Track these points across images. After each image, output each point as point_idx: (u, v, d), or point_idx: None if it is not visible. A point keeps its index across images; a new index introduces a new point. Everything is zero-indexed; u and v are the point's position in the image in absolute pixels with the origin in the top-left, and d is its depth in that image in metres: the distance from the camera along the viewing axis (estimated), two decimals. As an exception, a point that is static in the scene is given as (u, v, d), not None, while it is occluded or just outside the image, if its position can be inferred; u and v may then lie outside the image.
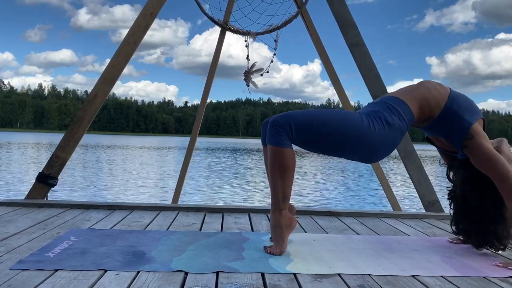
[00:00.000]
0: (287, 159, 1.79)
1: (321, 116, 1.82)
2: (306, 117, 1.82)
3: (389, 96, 1.98)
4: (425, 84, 2.00)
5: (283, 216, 1.85)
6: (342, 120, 1.82)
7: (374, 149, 1.85)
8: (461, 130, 1.90)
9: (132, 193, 8.95)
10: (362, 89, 52.71)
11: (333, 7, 3.36)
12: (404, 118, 1.88)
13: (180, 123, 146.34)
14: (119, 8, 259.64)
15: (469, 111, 1.93)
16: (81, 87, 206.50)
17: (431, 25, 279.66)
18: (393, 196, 3.58)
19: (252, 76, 3.55)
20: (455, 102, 1.93)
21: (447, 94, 1.96)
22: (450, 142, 2.00)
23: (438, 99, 1.93)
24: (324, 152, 1.92)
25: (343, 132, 1.80)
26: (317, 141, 1.82)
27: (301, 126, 1.79)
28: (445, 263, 1.79)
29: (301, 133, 1.79)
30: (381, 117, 1.85)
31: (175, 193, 3.84)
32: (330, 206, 7.97)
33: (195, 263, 1.65)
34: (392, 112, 1.87)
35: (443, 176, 13.35)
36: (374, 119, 1.84)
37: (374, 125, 1.82)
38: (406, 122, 1.89)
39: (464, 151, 1.92)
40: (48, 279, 1.42)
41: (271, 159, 1.81)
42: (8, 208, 2.70)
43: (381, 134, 1.83)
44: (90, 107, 3.12)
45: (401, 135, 1.90)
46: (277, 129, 1.78)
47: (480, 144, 1.87)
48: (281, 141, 1.78)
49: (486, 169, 1.86)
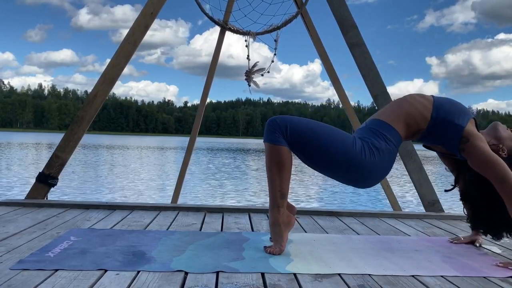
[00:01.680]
0: (283, 157, 1.80)
1: (318, 128, 1.83)
2: (303, 124, 1.83)
3: (372, 120, 1.98)
4: (408, 99, 1.98)
5: (281, 214, 1.85)
6: (336, 137, 1.82)
7: (365, 175, 1.85)
8: (455, 134, 1.90)
9: (132, 193, 8.95)
10: (362, 89, 52.60)
11: (333, 7, 3.36)
12: (390, 140, 1.88)
13: (180, 123, 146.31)
14: (120, 8, 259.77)
15: (458, 114, 1.92)
16: (82, 87, 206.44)
17: (431, 25, 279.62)
18: (393, 196, 3.57)
19: (254, 76, 3.55)
20: (441, 109, 1.93)
21: (430, 104, 1.95)
22: (447, 148, 2.00)
23: (422, 112, 1.93)
24: (318, 167, 1.90)
25: (336, 151, 1.80)
26: (310, 151, 1.82)
27: (297, 130, 1.80)
28: (445, 263, 1.79)
29: (295, 137, 1.80)
30: (368, 142, 1.85)
31: (174, 193, 3.83)
32: (330, 206, 7.97)
33: (195, 263, 1.65)
34: (378, 137, 1.87)
35: (443, 176, 13.36)
36: (363, 145, 1.84)
37: (365, 152, 1.82)
38: (393, 144, 1.89)
39: (462, 155, 1.92)
40: (48, 279, 1.42)
41: (268, 157, 1.83)
42: (8, 208, 2.70)
43: (372, 162, 1.83)
44: (90, 107, 3.12)
45: (390, 158, 1.89)
46: (273, 128, 1.80)
47: (476, 145, 1.87)
48: (277, 139, 1.79)
49: (484, 170, 1.86)
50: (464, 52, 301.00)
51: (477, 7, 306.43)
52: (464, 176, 2.08)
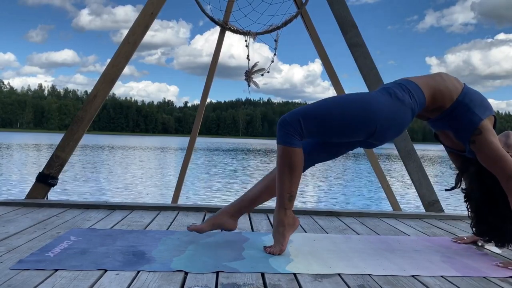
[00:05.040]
0: (295, 159, 1.80)
1: (329, 101, 1.85)
2: (313, 107, 1.83)
3: (403, 79, 1.99)
4: (442, 76, 2.00)
5: (287, 215, 1.85)
6: (348, 98, 1.89)
7: (382, 120, 1.81)
8: (471, 124, 1.89)
9: (132, 193, 8.95)
10: (362, 89, 53.03)
11: (333, 7, 3.36)
12: (415, 98, 1.87)
13: (180, 123, 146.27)
14: (121, 9, 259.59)
15: (480, 107, 1.93)
16: (83, 87, 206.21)
17: (431, 25, 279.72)
18: (393, 196, 3.57)
19: (253, 76, 3.55)
20: (468, 96, 1.93)
21: (461, 88, 1.96)
22: (458, 136, 1.98)
23: (451, 91, 1.93)
24: (335, 137, 1.87)
25: (351, 107, 1.81)
26: (327, 125, 1.81)
27: (309, 116, 1.79)
28: (445, 263, 1.79)
29: (310, 124, 1.79)
30: (391, 92, 1.85)
31: (175, 193, 3.83)
32: (330, 206, 7.97)
33: (195, 263, 1.65)
34: (403, 90, 1.87)
35: (443, 176, 13.36)
36: (384, 92, 1.86)
37: (383, 96, 1.84)
38: (417, 103, 1.88)
39: (471, 147, 1.90)
40: (48, 279, 1.42)
41: (280, 158, 1.83)
42: (8, 208, 2.70)
43: (390, 104, 1.82)
44: (90, 107, 3.12)
45: (411, 114, 1.88)
46: (286, 128, 1.79)
47: (488, 140, 1.86)
48: (291, 141, 1.78)
49: (492, 166, 1.85)
50: (464, 52, 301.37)
51: (476, 7, 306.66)
52: (468, 176, 2.07)
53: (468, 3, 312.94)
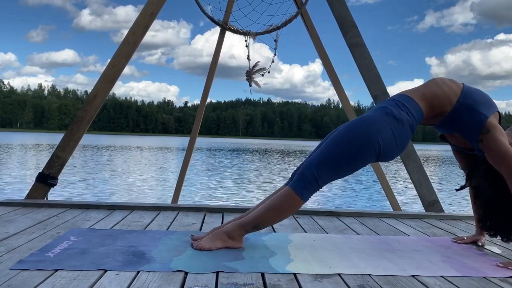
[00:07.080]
0: (293, 208, 1.91)
1: (342, 152, 1.86)
2: (328, 161, 1.86)
3: (397, 94, 2.01)
4: (437, 81, 2.00)
5: (240, 235, 1.92)
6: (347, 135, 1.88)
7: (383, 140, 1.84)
8: (477, 124, 1.89)
9: (132, 193, 8.95)
10: (362, 89, 52.51)
11: (333, 7, 3.36)
12: (412, 113, 1.89)
13: (180, 123, 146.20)
14: (122, 9, 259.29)
15: (484, 105, 1.92)
16: (83, 87, 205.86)
17: (431, 26, 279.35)
18: (393, 196, 3.57)
19: (254, 76, 3.55)
20: (469, 96, 1.93)
21: (459, 89, 1.95)
22: (465, 137, 1.98)
23: (449, 95, 1.93)
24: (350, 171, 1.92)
25: (352, 141, 1.84)
26: (339, 172, 1.89)
27: (324, 166, 1.85)
28: (445, 263, 1.79)
29: (325, 173, 1.86)
30: (388, 112, 1.86)
31: (175, 193, 3.84)
32: (330, 206, 7.97)
33: (195, 263, 1.65)
34: (399, 108, 1.88)
35: (443, 176, 13.34)
36: (382, 112, 1.87)
37: (382, 117, 1.85)
38: (414, 118, 1.89)
39: (480, 146, 1.90)
40: (48, 279, 1.42)
41: (281, 197, 1.89)
42: (8, 208, 2.70)
43: (388, 124, 1.84)
44: (90, 107, 3.12)
45: (410, 130, 1.90)
46: (305, 183, 1.85)
47: (496, 138, 1.86)
48: (303, 194, 1.86)
49: (500, 164, 1.84)
50: (464, 52, 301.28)
51: (475, 8, 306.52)
52: (477, 173, 2.05)
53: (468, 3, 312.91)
